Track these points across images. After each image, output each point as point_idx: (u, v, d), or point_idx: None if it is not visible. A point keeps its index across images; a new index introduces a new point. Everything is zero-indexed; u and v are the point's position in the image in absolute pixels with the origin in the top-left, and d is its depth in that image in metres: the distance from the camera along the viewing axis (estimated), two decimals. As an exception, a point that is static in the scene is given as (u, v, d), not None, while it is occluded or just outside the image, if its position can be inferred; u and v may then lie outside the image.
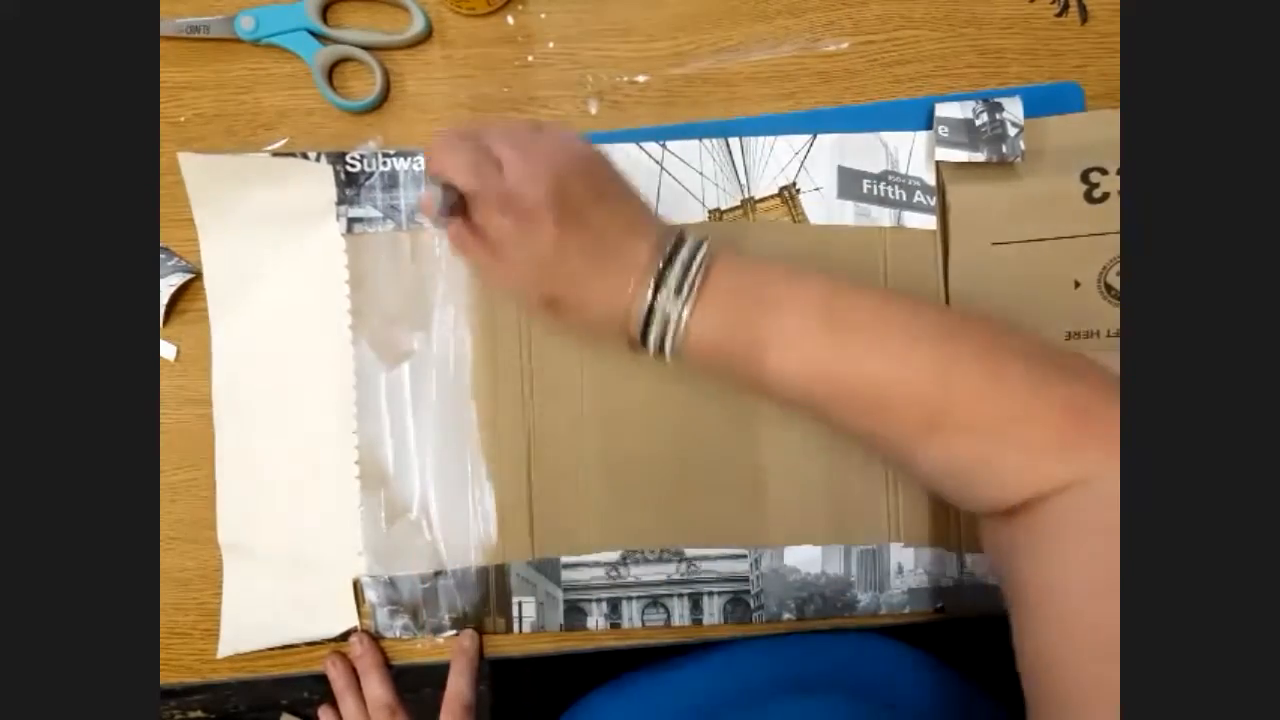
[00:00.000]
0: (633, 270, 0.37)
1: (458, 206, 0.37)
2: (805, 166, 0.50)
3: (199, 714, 1.11)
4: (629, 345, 0.39)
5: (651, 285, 0.36)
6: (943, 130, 0.48)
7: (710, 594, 0.50)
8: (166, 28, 0.50)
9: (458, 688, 0.50)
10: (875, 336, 0.36)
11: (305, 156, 0.50)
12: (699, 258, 0.37)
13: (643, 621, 0.50)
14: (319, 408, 0.51)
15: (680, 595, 0.50)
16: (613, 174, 0.39)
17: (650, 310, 0.37)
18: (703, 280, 0.36)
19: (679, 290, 0.36)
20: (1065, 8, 0.51)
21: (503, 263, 0.38)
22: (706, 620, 0.50)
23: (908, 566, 0.50)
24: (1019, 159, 0.48)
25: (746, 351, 0.37)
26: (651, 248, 0.37)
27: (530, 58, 0.51)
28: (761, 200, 0.50)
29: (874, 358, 0.36)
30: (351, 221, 0.50)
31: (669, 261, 0.37)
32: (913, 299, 0.38)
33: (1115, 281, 0.49)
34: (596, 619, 0.50)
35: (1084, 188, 0.49)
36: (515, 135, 0.37)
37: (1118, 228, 0.49)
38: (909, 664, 0.50)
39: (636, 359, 0.47)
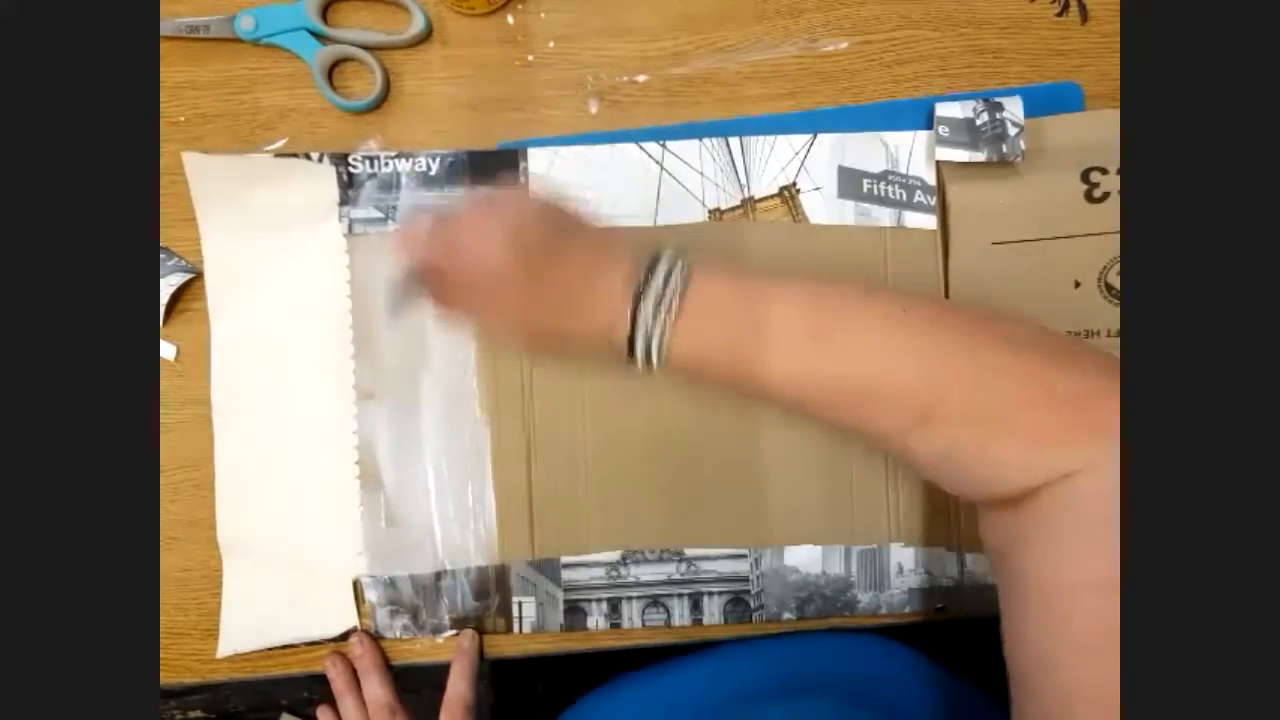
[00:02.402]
0: (611, 295, 0.37)
1: (414, 288, 0.39)
2: (805, 166, 0.50)
3: (199, 714, 1.11)
4: (621, 364, 0.39)
5: (630, 307, 0.37)
6: (943, 130, 0.48)
7: (710, 594, 0.50)
8: (166, 28, 0.50)
9: (458, 688, 0.50)
10: (861, 333, 0.36)
11: (308, 157, 0.50)
12: (676, 271, 0.37)
13: (643, 621, 0.50)
14: (319, 408, 0.51)
15: (680, 595, 0.50)
16: (569, 213, 0.40)
17: (633, 330, 0.37)
18: (682, 294, 0.37)
19: (657, 308, 0.36)
20: (1065, 8, 0.51)
21: (487, 321, 0.39)
22: (707, 620, 0.50)
23: (908, 566, 0.50)
24: (1019, 159, 0.48)
25: (733, 361, 0.37)
26: (627, 269, 0.37)
27: (530, 57, 0.51)
28: (761, 200, 0.50)
29: (861, 355, 0.36)
30: (353, 222, 0.50)
31: (647, 280, 0.37)
32: (899, 292, 0.38)
33: (1115, 281, 0.49)
34: (596, 619, 0.50)
35: (1084, 188, 0.49)
36: (466, 207, 0.39)
37: (1118, 228, 0.49)
38: (905, 665, 0.50)
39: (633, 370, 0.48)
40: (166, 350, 0.51)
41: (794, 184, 0.50)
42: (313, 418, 0.51)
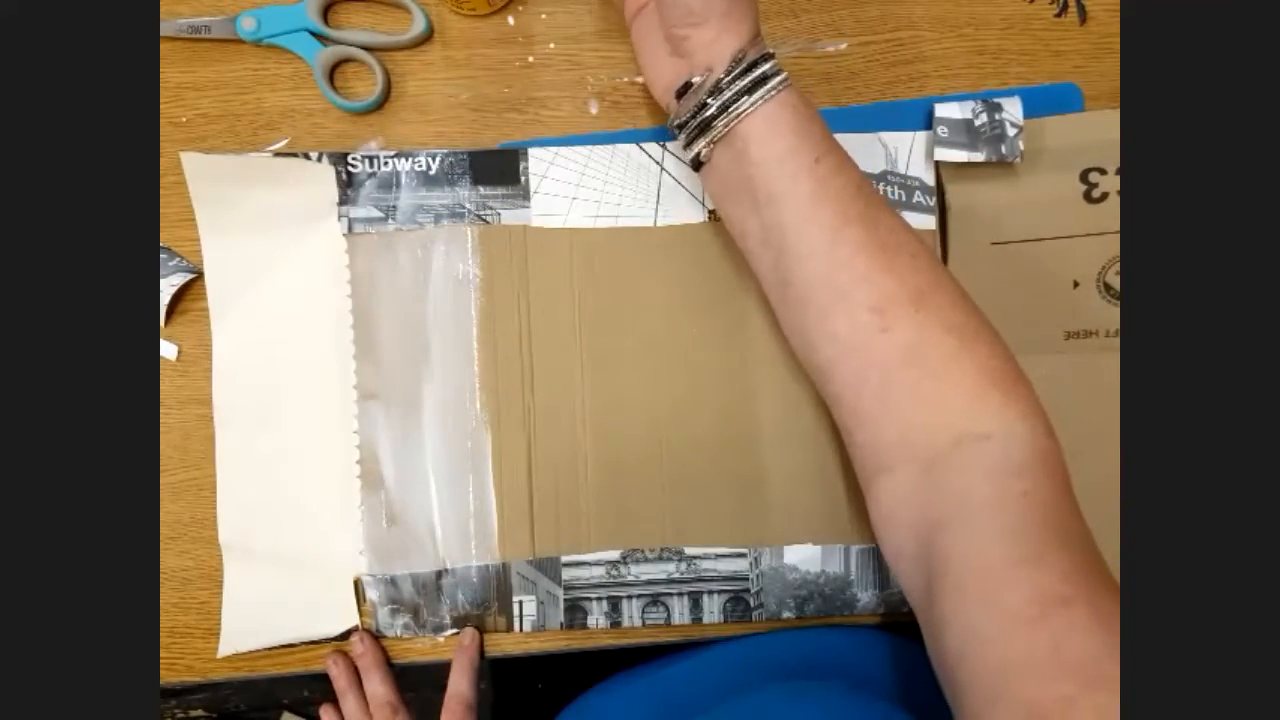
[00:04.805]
0: (712, 46, 0.40)
1: None
2: (805, 166, 0.50)
3: (199, 713, 1.11)
4: (674, 94, 0.42)
5: (727, 70, 0.40)
6: (942, 130, 0.48)
7: (710, 593, 0.50)
8: (167, 28, 0.50)
9: (459, 686, 0.50)
10: (888, 216, 0.40)
11: (307, 157, 0.50)
12: (781, 77, 0.40)
13: (643, 620, 0.50)
14: (320, 407, 0.51)
15: (680, 594, 0.50)
16: None
17: (717, 89, 0.40)
18: (779, 90, 0.40)
19: (764, 82, 0.39)
20: (1064, 8, 0.51)
21: None
22: (706, 619, 0.50)
23: (907, 566, 0.50)
24: (1018, 159, 0.48)
25: (781, 159, 0.40)
26: (745, 38, 0.41)
27: (531, 58, 0.51)
28: (761, 200, 0.50)
29: (888, 230, 0.40)
30: (353, 222, 0.50)
31: (759, 61, 0.40)
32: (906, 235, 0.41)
33: (1115, 281, 0.49)
34: (597, 618, 0.50)
35: (1083, 188, 0.49)
36: None
37: (1117, 228, 0.49)
38: (907, 655, 0.50)
39: (636, 359, 0.47)
40: (168, 350, 0.51)
41: (794, 184, 0.50)
42: (313, 417, 0.51)
